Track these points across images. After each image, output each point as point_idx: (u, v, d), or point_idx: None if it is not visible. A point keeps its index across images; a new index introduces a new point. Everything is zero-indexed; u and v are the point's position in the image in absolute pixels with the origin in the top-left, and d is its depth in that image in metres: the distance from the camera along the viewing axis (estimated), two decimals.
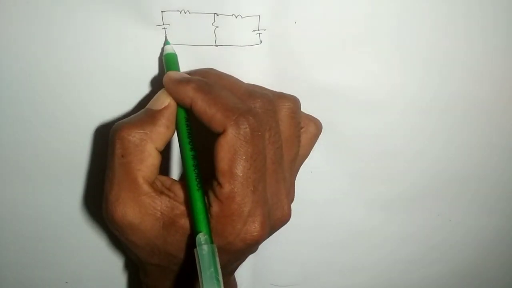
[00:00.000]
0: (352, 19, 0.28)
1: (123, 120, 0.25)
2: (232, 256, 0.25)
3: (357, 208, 0.37)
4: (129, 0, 0.26)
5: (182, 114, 0.25)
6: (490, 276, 0.43)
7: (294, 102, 0.27)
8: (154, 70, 0.28)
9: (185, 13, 0.26)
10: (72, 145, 0.31)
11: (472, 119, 0.34)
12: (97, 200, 0.33)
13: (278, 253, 0.37)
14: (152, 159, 0.25)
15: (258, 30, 0.27)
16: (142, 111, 0.25)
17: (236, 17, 0.27)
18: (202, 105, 0.24)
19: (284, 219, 0.27)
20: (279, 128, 0.26)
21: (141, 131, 0.24)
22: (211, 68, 0.28)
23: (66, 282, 0.37)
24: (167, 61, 0.27)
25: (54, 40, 0.27)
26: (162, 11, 0.26)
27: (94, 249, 0.36)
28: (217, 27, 0.27)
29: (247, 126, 0.23)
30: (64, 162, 0.32)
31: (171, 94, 0.25)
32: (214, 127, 0.24)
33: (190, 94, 0.24)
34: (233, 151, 0.23)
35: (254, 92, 0.26)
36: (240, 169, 0.23)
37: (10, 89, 0.29)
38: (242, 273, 0.37)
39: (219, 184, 0.24)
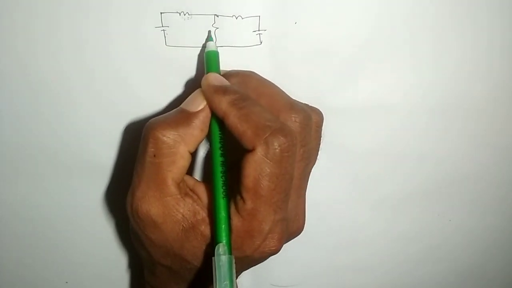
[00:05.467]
0: (352, 20, 0.28)
1: (158, 118, 0.25)
2: (246, 265, 0.26)
3: (357, 208, 0.37)
4: (128, 1, 0.26)
5: (216, 119, 0.25)
6: (490, 276, 0.43)
7: (319, 116, 0.27)
8: (152, 72, 0.28)
9: (185, 14, 0.26)
10: (73, 144, 0.31)
11: (472, 119, 0.34)
12: (99, 201, 0.34)
13: (278, 253, 0.37)
14: (183, 161, 0.25)
15: (258, 30, 0.27)
16: (177, 111, 0.25)
17: (236, 18, 0.27)
18: (234, 121, 0.23)
19: (298, 231, 0.27)
20: (311, 145, 0.26)
21: (175, 133, 0.24)
22: (254, 72, 0.27)
23: (66, 282, 0.37)
24: (207, 60, 0.26)
25: (52, 42, 0.27)
26: (161, 13, 0.26)
27: (94, 249, 0.36)
28: (217, 28, 0.27)
29: (277, 147, 0.23)
30: (65, 161, 0.32)
31: (206, 99, 0.25)
32: (244, 144, 0.23)
33: (223, 107, 0.24)
34: (259, 171, 0.23)
35: (296, 105, 0.25)
36: (265, 189, 0.23)
37: (13, 89, 0.29)
38: (242, 273, 0.37)
39: (242, 199, 0.23)
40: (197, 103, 0.25)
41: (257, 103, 0.24)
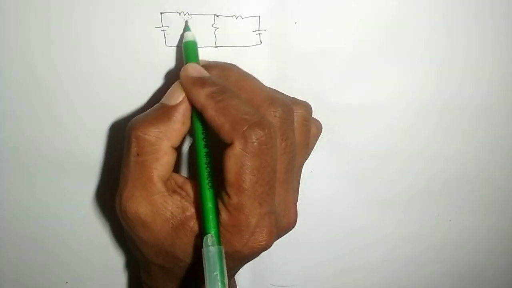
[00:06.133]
0: (352, 20, 0.28)
1: (139, 116, 0.25)
2: (238, 262, 0.26)
3: (357, 208, 0.37)
4: (128, 1, 0.26)
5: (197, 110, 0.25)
6: (490, 276, 0.43)
7: (306, 109, 0.27)
8: (152, 72, 0.28)
9: (185, 14, 0.26)
10: (72, 144, 0.31)
11: (472, 119, 0.34)
12: (98, 200, 0.34)
13: (278, 253, 0.37)
14: (167, 157, 0.24)
15: (258, 30, 0.27)
16: (157, 107, 0.25)
17: (237, 18, 0.26)
18: (212, 114, 0.23)
19: (290, 226, 0.27)
20: (295, 138, 0.26)
21: (157, 130, 0.24)
22: (234, 65, 0.27)
23: (66, 282, 0.37)
24: (186, 50, 0.26)
25: (52, 42, 0.27)
26: (161, 13, 0.26)
27: (94, 249, 0.36)
28: (217, 28, 0.27)
29: (255, 140, 0.22)
30: (64, 161, 0.32)
31: (185, 91, 0.24)
32: (223, 137, 0.23)
33: (201, 100, 0.24)
34: (239, 164, 0.23)
35: (276, 99, 0.25)
36: (247, 182, 0.23)
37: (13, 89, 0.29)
38: (242, 273, 0.37)
39: (227, 194, 0.23)
40: (176, 96, 0.24)
41: (236, 96, 0.24)
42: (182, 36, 0.27)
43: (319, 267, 0.39)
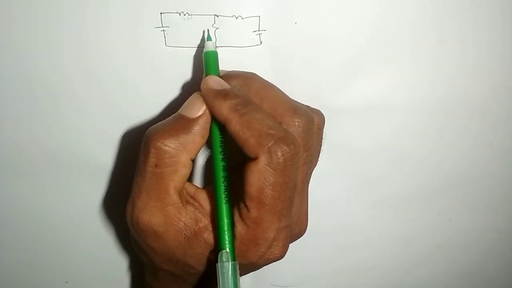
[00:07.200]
0: (352, 19, 0.28)
1: (157, 126, 0.24)
2: (250, 270, 0.26)
3: (357, 208, 0.37)
4: (128, 1, 0.26)
5: (217, 123, 0.25)
6: (490, 276, 0.43)
7: (321, 118, 0.27)
8: (152, 72, 0.28)
9: (185, 15, 0.26)
10: (72, 145, 0.31)
11: (472, 119, 0.34)
12: (101, 201, 0.34)
13: None
14: (185, 169, 0.24)
15: (258, 30, 0.27)
16: (176, 118, 0.25)
17: (237, 18, 0.26)
18: (236, 128, 0.23)
19: (301, 233, 0.27)
20: (314, 148, 0.26)
21: (177, 142, 0.24)
22: (255, 74, 0.27)
23: (66, 282, 0.37)
24: (206, 61, 0.26)
25: (52, 42, 0.27)
26: (161, 13, 0.26)
27: (94, 249, 0.36)
28: (217, 28, 0.27)
29: (280, 156, 0.22)
30: (65, 162, 0.32)
31: (206, 104, 0.24)
32: (247, 151, 0.23)
33: (224, 113, 0.23)
34: (263, 179, 0.22)
35: (299, 109, 0.25)
36: (269, 198, 0.23)
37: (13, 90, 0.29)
38: None
39: (246, 207, 0.23)
40: (197, 109, 0.24)
41: (259, 108, 0.24)
42: (202, 45, 0.27)
43: (319, 267, 0.39)
